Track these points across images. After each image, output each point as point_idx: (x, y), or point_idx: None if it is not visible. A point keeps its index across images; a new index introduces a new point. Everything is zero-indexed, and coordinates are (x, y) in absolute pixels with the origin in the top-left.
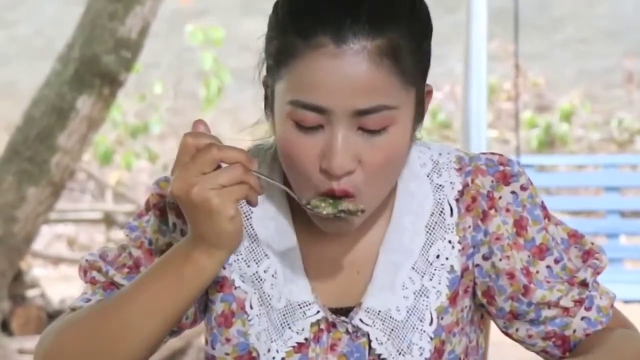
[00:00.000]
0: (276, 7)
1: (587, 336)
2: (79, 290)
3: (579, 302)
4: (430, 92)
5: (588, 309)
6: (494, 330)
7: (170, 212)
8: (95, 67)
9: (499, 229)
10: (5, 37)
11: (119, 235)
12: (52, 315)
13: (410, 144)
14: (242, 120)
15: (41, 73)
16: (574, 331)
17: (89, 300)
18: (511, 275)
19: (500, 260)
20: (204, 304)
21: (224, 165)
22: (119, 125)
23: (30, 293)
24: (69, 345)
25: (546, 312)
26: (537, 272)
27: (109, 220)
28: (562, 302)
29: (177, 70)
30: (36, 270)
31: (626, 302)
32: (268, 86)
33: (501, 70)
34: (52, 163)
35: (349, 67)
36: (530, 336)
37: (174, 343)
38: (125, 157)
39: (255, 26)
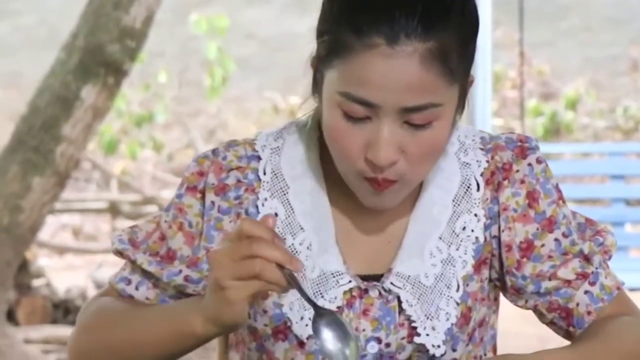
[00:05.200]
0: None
1: (589, 314)
2: (84, 280)
3: (582, 276)
4: (471, 82)
5: (592, 284)
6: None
7: (209, 191)
8: (100, 57)
9: (507, 200)
10: (10, 27)
11: (124, 224)
12: (58, 305)
13: (452, 132)
14: (246, 109)
15: (45, 63)
16: (577, 305)
17: (128, 280)
18: (509, 248)
19: (503, 231)
20: None
21: None
22: (124, 114)
23: (36, 283)
24: (95, 337)
25: (546, 284)
26: (543, 245)
27: (114, 210)
28: (561, 274)
29: (182, 59)
30: (42, 260)
31: (631, 290)
32: (317, 70)
33: (506, 58)
34: (57, 153)
35: (400, 67)
36: (536, 306)
37: None
38: (130, 146)
39: (259, 15)
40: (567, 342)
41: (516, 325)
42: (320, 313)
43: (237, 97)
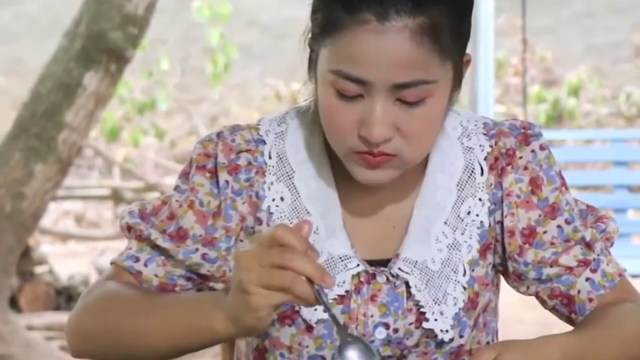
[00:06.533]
0: None
1: (590, 301)
2: (87, 267)
3: (583, 263)
4: (468, 61)
5: (593, 271)
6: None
7: (221, 170)
8: (102, 44)
9: (511, 186)
10: (12, 14)
11: None
12: (60, 292)
13: (447, 110)
14: (248, 96)
15: (48, 50)
16: (579, 292)
17: (136, 258)
18: (511, 234)
19: (506, 217)
20: None
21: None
22: (126, 101)
23: (39, 269)
24: (101, 322)
25: (548, 271)
26: (546, 232)
27: (116, 197)
28: (563, 261)
29: (184, 46)
30: (44, 246)
31: (634, 276)
32: (313, 50)
33: (509, 45)
34: (59, 140)
35: (390, 43)
36: (537, 293)
37: None
38: (132, 133)
39: (261, 2)
40: (569, 328)
41: (518, 311)
42: (347, 341)
43: (239, 84)
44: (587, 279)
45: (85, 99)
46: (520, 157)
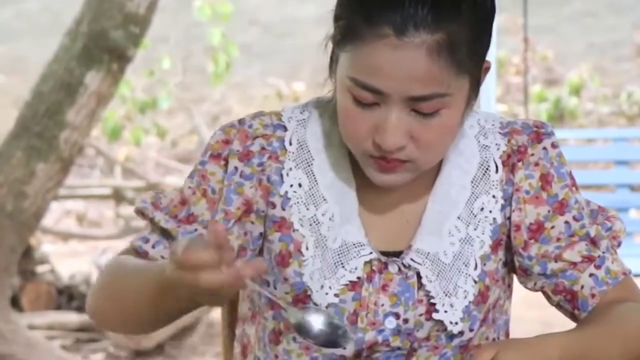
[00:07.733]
0: None
1: (592, 297)
2: (88, 266)
3: (587, 259)
4: (487, 68)
5: (597, 267)
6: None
7: (232, 157)
8: (104, 43)
9: (521, 182)
10: (13, 13)
11: (128, 210)
12: (62, 291)
13: (464, 118)
14: (250, 95)
15: (49, 49)
16: (582, 287)
17: (146, 239)
18: (517, 228)
19: (513, 211)
20: (259, 248)
21: None
22: (128, 100)
23: (40, 269)
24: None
25: (552, 265)
26: (553, 227)
27: (118, 196)
28: (567, 256)
29: (186, 45)
30: (46, 246)
31: (637, 276)
32: (333, 51)
33: (510, 44)
34: (61, 139)
35: (407, 58)
36: (542, 288)
37: (182, 319)
38: (134, 132)
39: (262, 1)
40: (571, 326)
41: (520, 310)
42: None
43: (240, 83)
44: (591, 275)
45: (87, 98)
46: (532, 154)
